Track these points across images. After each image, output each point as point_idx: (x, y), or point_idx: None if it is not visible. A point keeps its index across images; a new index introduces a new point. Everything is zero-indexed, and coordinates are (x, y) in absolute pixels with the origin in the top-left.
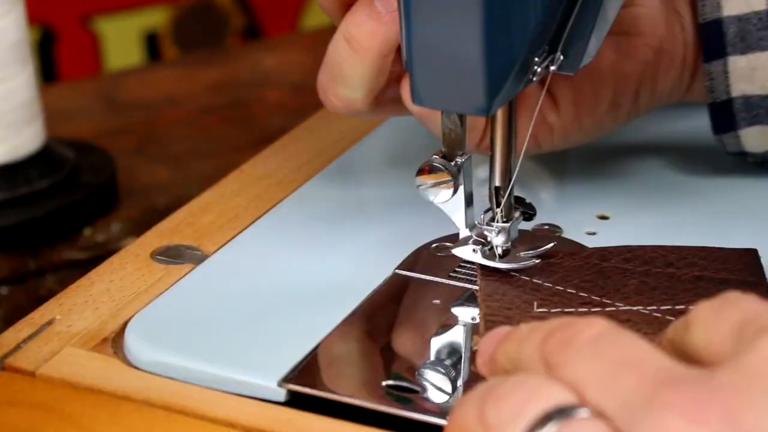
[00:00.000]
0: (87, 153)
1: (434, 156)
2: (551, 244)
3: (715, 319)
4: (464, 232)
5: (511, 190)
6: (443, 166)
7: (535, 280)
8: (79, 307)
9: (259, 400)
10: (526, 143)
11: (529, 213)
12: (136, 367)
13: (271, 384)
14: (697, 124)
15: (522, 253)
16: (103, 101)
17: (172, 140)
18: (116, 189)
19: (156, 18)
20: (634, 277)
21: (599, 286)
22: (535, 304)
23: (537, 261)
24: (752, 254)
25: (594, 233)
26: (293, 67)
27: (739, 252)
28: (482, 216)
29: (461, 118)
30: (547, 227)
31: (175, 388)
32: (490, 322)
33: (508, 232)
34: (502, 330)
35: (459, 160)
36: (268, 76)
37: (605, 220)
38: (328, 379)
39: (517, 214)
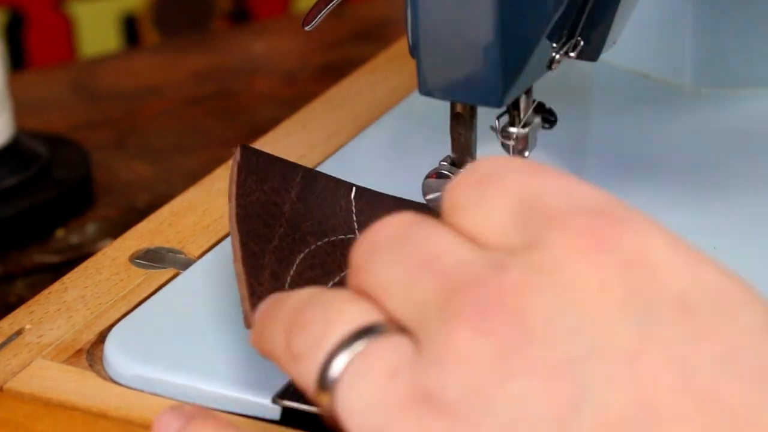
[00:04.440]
0: (60, 147)
1: (442, 162)
2: None
3: (481, 201)
4: None
5: (529, 91)
6: (452, 173)
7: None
8: (51, 315)
9: (251, 417)
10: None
11: (549, 119)
12: (114, 382)
13: (264, 400)
14: (725, 120)
15: None
16: (77, 91)
17: (153, 133)
18: (92, 187)
19: (135, 0)
20: None
21: None
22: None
23: None
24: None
25: None
26: (285, 53)
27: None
28: (497, 121)
29: (472, 121)
30: None
31: (156, 404)
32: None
33: (526, 138)
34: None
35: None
36: (257, 63)
37: None
38: None
39: (537, 119)
